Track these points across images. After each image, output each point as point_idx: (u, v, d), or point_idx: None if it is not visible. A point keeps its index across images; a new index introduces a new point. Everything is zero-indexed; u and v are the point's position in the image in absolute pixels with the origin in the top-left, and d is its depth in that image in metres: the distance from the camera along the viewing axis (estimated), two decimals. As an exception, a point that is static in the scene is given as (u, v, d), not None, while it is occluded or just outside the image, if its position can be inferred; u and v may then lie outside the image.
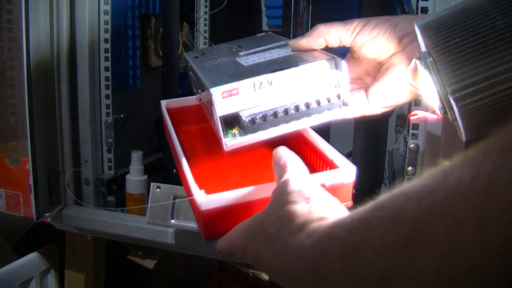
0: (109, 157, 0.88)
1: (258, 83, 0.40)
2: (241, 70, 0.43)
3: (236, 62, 0.48)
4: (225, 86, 0.39)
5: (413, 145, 0.66)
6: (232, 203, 0.37)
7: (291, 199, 0.32)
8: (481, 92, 0.31)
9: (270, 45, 0.52)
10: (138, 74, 0.98)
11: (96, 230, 0.83)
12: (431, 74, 0.34)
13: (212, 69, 0.47)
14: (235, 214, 0.37)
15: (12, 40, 1.08)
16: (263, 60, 0.46)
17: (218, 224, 0.37)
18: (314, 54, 0.45)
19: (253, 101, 0.40)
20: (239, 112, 0.40)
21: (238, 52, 0.52)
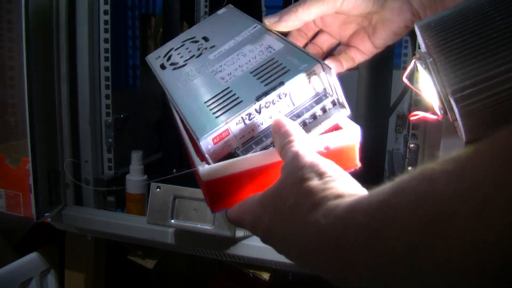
0: (109, 157, 0.88)
1: (246, 116, 0.38)
2: (222, 98, 0.40)
3: (211, 79, 0.44)
4: (214, 131, 0.37)
5: (413, 145, 0.66)
6: (235, 171, 0.36)
7: (304, 175, 0.31)
8: (481, 93, 0.31)
9: (239, 37, 0.48)
10: (138, 74, 0.98)
11: (96, 230, 0.83)
12: (431, 74, 0.33)
13: (190, 96, 0.44)
14: (240, 183, 0.37)
15: (12, 40, 1.08)
16: (240, 71, 0.43)
17: (224, 195, 0.37)
18: (294, 55, 0.41)
19: (247, 135, 0.38)
20: (235, 150, 0.38)
21: (208, 55, 0.48)
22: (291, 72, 0.39)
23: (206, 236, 0.69)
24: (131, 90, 0.97)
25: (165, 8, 0.85)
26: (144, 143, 0.99)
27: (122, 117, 0.90)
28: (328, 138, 0.37)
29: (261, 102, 0.38)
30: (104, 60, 0.84)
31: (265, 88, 0.38)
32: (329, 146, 0.37)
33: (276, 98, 0.38)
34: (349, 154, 0.38)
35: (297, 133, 0.35)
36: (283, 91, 0.38)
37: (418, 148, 0.66)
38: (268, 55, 0.43)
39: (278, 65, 0.41)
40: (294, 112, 0.39)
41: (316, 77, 0.39)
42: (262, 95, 0.38)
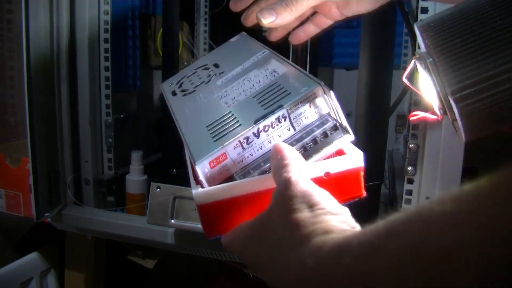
0: (109, 157, 0.88)
1: (244, 140, 0.37)
2: (223, 121, 0.40)
3: (216, 104, 0.44)
4: (211, 155, 0.36)
5: (413, 145, 0.66)
6: (230, 196, 0.35)
7: (293, 205, 0.29)
8: (481, 93, 0.31)
9: (247, 63, 0.48)
10: (138, 74, 0.98)
11: (96, 230, 0.83)
12: (430, 74, 0.33)
13: (193, 120, 0.44)
14: (235, 209, 0.36)
15: (12, 40, 1.08)
16: (243, 96, 0.43)
17: (218, 220, 0.36)
18: (296, 78, 0.41)
19: (245, 160, 0.37)
20: (233, 175, 0.37)
21: (216, 81, 0.48)
22: (291, 95, 0.38)
23: (206, 236, 0.69)
24: (131, 90, 0.97)
25: (165, 8, 0.85)
26: (144, 143, 0.99)
27: (122, 117, 0.90)
28: (328, 164, 0.36)
29: (259, 126, 0.37)
30: (104, 60, 0.84)
31: (265, 111, 0.37)
32: (330, 172, 0.36)
33: (275, 122, 0.37)
34: (352, 182, 0.37)
35: (293, 158, 0.33)
36: (282, 115, 0.37)
37: (418, 148, 0.66)
38: (271, 79, 0.42)
39: (280, 88, 0.40)
40: (295, 136, 0.38)
41: (317, 100, 0.38)
42: (260, 119, 0.37)
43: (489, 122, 0.32)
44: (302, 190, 0.30)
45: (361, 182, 0.37)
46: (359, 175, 0.37)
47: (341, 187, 0.36)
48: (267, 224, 0.31)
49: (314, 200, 0.30)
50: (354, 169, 0.37)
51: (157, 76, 1.01)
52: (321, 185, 0.34)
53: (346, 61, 1.00)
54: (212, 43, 1.18)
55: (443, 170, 0.65)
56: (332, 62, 1.02)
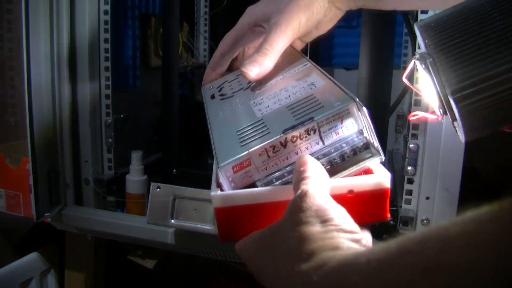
0: (109, 157, 0.88)
1: (270, 148, 0.36)
2: (253, 128, 0.40)
3: (249, 110, 0.44)
4: (235, 160, 0.36)
5: (413, 145, 0.66)
6: (247, 203, 0.35)
7: (305, 218, 0.29)
8: (481, 93, 0.31)
9: (288, 74, 0.48)
10: (138, 74, 0.98)
11: (96, 230, 0.83)
12: (431, 74, 0.33)
13: (225, 124, 0.44)
14: (251, 216, 0.35)
15: (12, 40, 1.08)
16: (278, 105, 0.42)
17: (233, 225, 0.36)
18: (331, 92, 0.40)
19: (270, 169, 0.36)
20: (255, 182, 0.37)
21: (255, 88, 0.48)
22: (324, 108, 0.37)
23: (206, 236, 0.69)
24: (131, 90, 0.97)
25: (165, 8, 0.85)
26: (144, 143, 0.99)
27: (122, 117, 0.90)
28: (353, 181, 0.35)
29: (287, 136, 0.36)
30: (104, 60, 0.84)
31: (295, 122, 0.37)
32: (354, 190, 0.35)
33: (304, 134, 0.36)
34: (376, 203, 0.35)
35: (315, 172, 0.33)
36: (312, 127, 0.36)
37: (418, 148, 0.66)
38: (308, 92, 0.42)
39: (314, 101, 0.39)
40: (322, 151, 0.37)
41: (350, 117, 0.37)
42: (289, 129, 0.36)
43: (489, 122, 0.32)
44: (317, 204, 0.30)
45: (386, 205, 0.36)
46: (385, 197, 0.36)
47: (365, 207, 0.35)
48: (277, 235, 0.31)
49: (327, 215, 0.29)
50: (380, 190, 0.35)
51: (157, 76, 1.01)
52: (344, 202, 0.33)
53: (346, 61, 1.00)
54: (212, 43, 1.18)
55: (443, 170, 0.65)
56: (332, 62, 1.02)
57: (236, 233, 0.36)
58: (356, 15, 0.98)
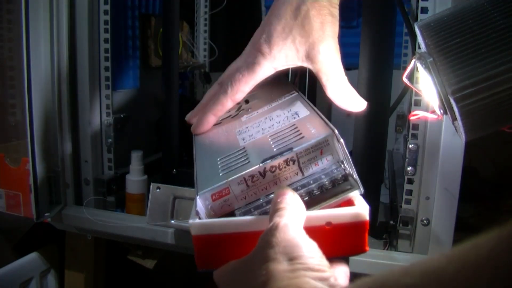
0: (109, 157, 0.88)
1: (249, 178, 0.36)
2: (235, 157, 0.40)
3: (234, 138, 0.44)
4: (213, 188, 0.36)
5: (413, 145, 0.66)
6: (224, 232, 0.35)
7: (273, 255, 0.28)
8: (481, 93, 0.31)
9: (275, 102, 0.48)
10: (138, 74, 0.98)
11: (96, 230, 0.83)
12: (431, 74, 0.33)
13: (208, 152, 0.44)
14: (228, 245, 0.35)
15: (12, 40, 1.08)
16: (261, 134, 0.42)
17: (210, 253, 0.36)
18: (313, 123, 0.40)
19: (249, 198, 0.37)
20: (235, 212, 0.37)
21: (242, 116, 0.49)
22: (303, 139, 0.37)
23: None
24: (131, 90, 0.97)
25: (165, 8, 0.85)
26: (144, 143, 0.99)
27: (122, 117, 0.90)
28: (331, 213, 0.35)
29: (266, 166, 0.36)
30: (104, 60, 0.84)
31: (274, 152, 0.37)
32: (331, 221, 0.34)
33: (283, 164, 0.36)
34: (355, 236, 0.35)
35: (291, 203, 0.32)
36: (291, 158, 0.36)
37: (418, 148, 0.66)
38: (291, 121, 0.42)
39: (295, 131, 0.39)
40: (301, 182, 0.37)
41: (329, 148, 0.36)
42: (268, 159, 0.36)
43: (489, 122, 0.32)
44: (287, 239, 0.29)
45: (365, 237, 0.36)
46: (364, 229, 0.35)
47: (343, 240, 0.35)
48: (247, 268, 0.30)
49: (295, 252, 0.28)
50: (359, 222, 0.35)
51: (157, 76, 1.01)
52: (321, 234, 0.33)
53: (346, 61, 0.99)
54: (212, 43, 1.18)
55: (443, 170, 0.65)
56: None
57: (214, 261, 0.36)
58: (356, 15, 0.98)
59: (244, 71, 0.44)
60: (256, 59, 0.44)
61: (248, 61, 0.44)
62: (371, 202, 0.75)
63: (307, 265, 0.28)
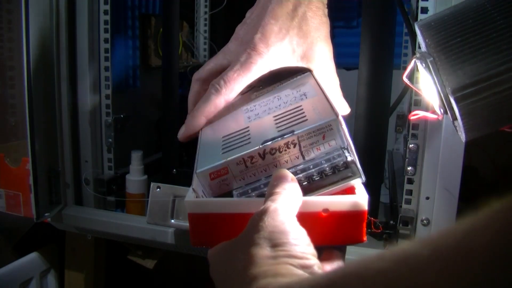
0: (109, 157, 0.88)
1: (248, 159, 0.35)
2: (237, 136, 0.39)
3: (240, 116, 0.43)
4: (212, 167, 0.35)
5: (413, 145, 0.66)
6: (219, 211, 0.35)
7: (257, 240, 0.28)
8: (481, 92, 0.31)
9: (286, 81, 0.47)
10: (138, 74, 0.98)
11: (96, 230, 0.83)
12: (431, 73, 0.33)
13: (214, 129, 0.43)
14: (220, 225, 0.35)
15: (12, 40, 1.08)
16: (266, 114, 0.41)
17: (204, 231, 0.36)
18: (319, 106, 0.38)
19: (247, 179, 0.36)
20: (233, 192, 0.36)
21: (251, 94, 0.47)
22: (306, 122, 0.36)
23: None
24: (131, 90, 0.97)
25: (165, 8, 0.85)
26: (144, 143, 0.99)
27: (122, 117, 0.90)
28: (329, 200, 0.34)
29: (266, 148, 0.35)
30: (104, 60, 0.84)
31: (276, 134, 0.36)
32: (329, 208, 0.34)
33: (284, 147, 0.35)
34: (353, 225, 0.35)
35: (287, 188, 0.32)
36: (292, 141, 0.35)
37: (418, 148, 0.66)
38: (298, 102, 0.41)
39: (300, 113, 0.38)
40: (301, 166, 0.36)
41: (332, 133, 0.35)
42: (269, 140, 0.35)
43: (489, 122, 0.32)
44: (274, 224, 0.29)
45: (363, 227, 0.35)
46: (362, 219, 0.35)
47: (339, 228, 0.34)
48: (234, 251, 0.31)
49: (280, 239, 0.28)
50: (357, 211, 0.34)
51: (157, 76, 1.01)
52: (317, 221, 0.33)
53: (346, 61, 1.00)
54: (212, 43, 1.18)
55: (443, 170, 0.65)
56: (332, 62, 1.01)
57: (207, 239, 0.36)
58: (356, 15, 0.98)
59: (239, 70, 0.43)
60: (251, 58, 0.43)
61: (242, 60, 0.44)
62: (371, 202, 0.75)
63: (290, 252, 0.28)
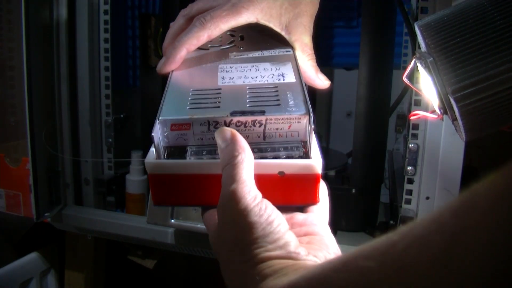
0: (109, 157, 0.88)
1: (213, 122, 0.36)
2: (207, 95, 0.39)
3: (214, 74, 0.43)
4: (176, 119, 0.36)
5: (413, 145, 0.66)
6: (176, 172, 0.36)
7: (228, 245, 0.31)
8: (481, 92, 0.31)
9: (267, 52, 0.47)
10: (138, 74, 0.98)
11: (96, 230, 0.83)
12: (431, 74, 0.33)
13: (184, 79, 0.44)
14: (179, 185, 0.37)
15: (12, 40, 1.08)
16: (241, 81, 0.42)
17: (163, 191, 0.37)
18: (294, 94, 0.39)
19: (205, 140, 0.37)
20: (187, 147, 0.37)
21: (231, 51, 0.48)
22: (279, 107, 0.37)
23: (206, 236, 0.69)
24: (131, 90, 0.97)
25: (165, 8, 0.85)
26: (144, 143, 0.99)
27: (122, 117, 0.90)
28: (284, 163, 0.35)
29: (233, 119, 0.36)
30: (104, 60, 0.84)
31: (246, 108, 0.37)
32: (284, 171, 0.35)
33: (250, 123, 0.36)
34: (307, 187, 0.36)
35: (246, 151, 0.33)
36: (260, 121, 0.36)
37: (418, 148, 0.66)
38: (275, 81, 0.41)
39: (275, 95, 0.39)
40: (260, 145, 0.37)
41: (298, 126, 0.36)
42: (238, 113, 0.36)
43: (489, 122, 0.32)
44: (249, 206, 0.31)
45: (316, 189, 0.36)
46: (315, 182, 0.36)
47: (295, 190, 0.36)
48: (219, 239, 0.33)
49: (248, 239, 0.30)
50: (310, 174, 0.36)
51: (157, 76, 1.01)
52: (274, 183, 0.35)
53: (346, 61, 1.00)
54: (212, 43, 1.18)
55: (443, 170, 0.65)
56: (332, 62, 1.01)
57: (168, 198, 0.37)
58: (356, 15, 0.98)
59: (228, 10, 0.43)
60: (244, 3, 0.44)
61: (233, 2, 0.44)
62: (371, 202, 0.76)
63: (264, 247, 0.29)
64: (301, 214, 0.36)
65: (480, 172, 0.95)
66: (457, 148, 0.63)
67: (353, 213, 0.74)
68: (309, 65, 0.46)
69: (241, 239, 0.30)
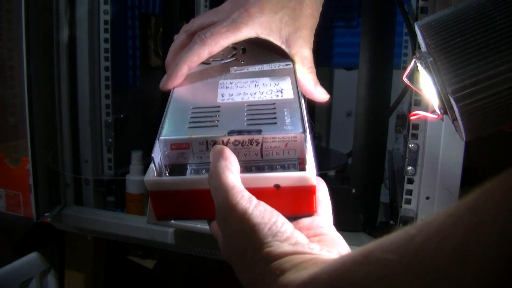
0: (109, 157, 0.88)
1: (211, 142, 0.37)
2: (207, 113, 0.40)
3: (214, 90, 0.44)
4: (176, 139, 0.37)
5: (413, 145, 0.66)
6: (175, 188, 0.37)
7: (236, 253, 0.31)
8: (481, 92, 0.31)
9: (268, 66, 0.47)
10: (138, 74, 0.98)
11: (96, 230, 0.83)
12: (431, 74, 0.33)
13: (187, 95, 0.44)
14: (179, 200, 0.37)
15: (12, 40, 1.08)
16: (240, 98, 0.42)
17: (164, 207, 0.38)
18: (291, 112, 0.39)
19: (205, 158, 0.37)
20: (187, 165, 0.38)
21: (231, 66, 0.48)
22: (275, 126, 0.37)
23: (206, 236, 0.69)
24: (131, 90, 0.97)
25: (165, 8, 0.85)
26: (144, 143, 0.99)
27: (122, 117, 0.90)
28: (279, 176, 0.36)
29: (231, 138, 0.36)
30: (104, 60, 0.84)
31: (244, 127, 0.37)
32: (280, 184, 0.36)
33: (247, 142, 0.37)
34: (303, 198, 0.37)
35: (229, 160, 0.34)
36: (256, 140, 0.37)
37: (418, 148, 0.66)
38: (273, 98, 0.42)
39: (272, 112, 0.39)
40: (257, 163, 0.37)
41: (295, 145, 0.37)
42: (235, 132, 0.36)
43: (489, 122, 0.32)
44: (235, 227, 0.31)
45: (312, 200, 0.37)
46: (311, 193, 0.37)
47: (291, 202, 0.36)
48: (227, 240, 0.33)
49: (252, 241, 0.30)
50: (306, 186, 0.36)
51: (157, 76, 1.01)
52: (270, 196, 0.35)
53: (346, 61, 1.00)
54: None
55: (443, 170, 0.65)
56: (332, 62, 1.02)
57: (169, 214, 0.38)
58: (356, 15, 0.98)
59: (228, 26, 0.44)
60: (243, 18, 0.44)
61: (233, 17, 0.44)
62: (371, 202, 0.76)
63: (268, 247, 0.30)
64: (307, 218, 0.37)
65: (480, 172, 0.95)
66: (457, 148, 0.63)
67: (353, 213, 0.74)
68: (308, 78, 0.47)
69: (249, 244, 0.30)
